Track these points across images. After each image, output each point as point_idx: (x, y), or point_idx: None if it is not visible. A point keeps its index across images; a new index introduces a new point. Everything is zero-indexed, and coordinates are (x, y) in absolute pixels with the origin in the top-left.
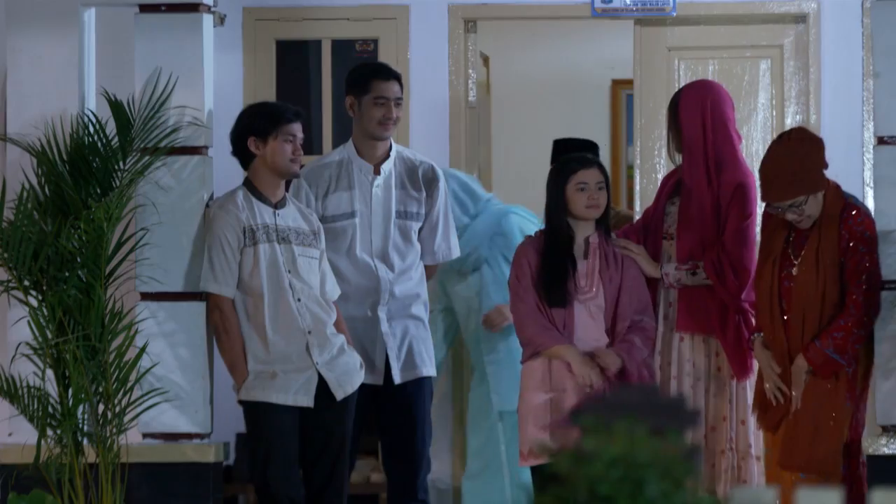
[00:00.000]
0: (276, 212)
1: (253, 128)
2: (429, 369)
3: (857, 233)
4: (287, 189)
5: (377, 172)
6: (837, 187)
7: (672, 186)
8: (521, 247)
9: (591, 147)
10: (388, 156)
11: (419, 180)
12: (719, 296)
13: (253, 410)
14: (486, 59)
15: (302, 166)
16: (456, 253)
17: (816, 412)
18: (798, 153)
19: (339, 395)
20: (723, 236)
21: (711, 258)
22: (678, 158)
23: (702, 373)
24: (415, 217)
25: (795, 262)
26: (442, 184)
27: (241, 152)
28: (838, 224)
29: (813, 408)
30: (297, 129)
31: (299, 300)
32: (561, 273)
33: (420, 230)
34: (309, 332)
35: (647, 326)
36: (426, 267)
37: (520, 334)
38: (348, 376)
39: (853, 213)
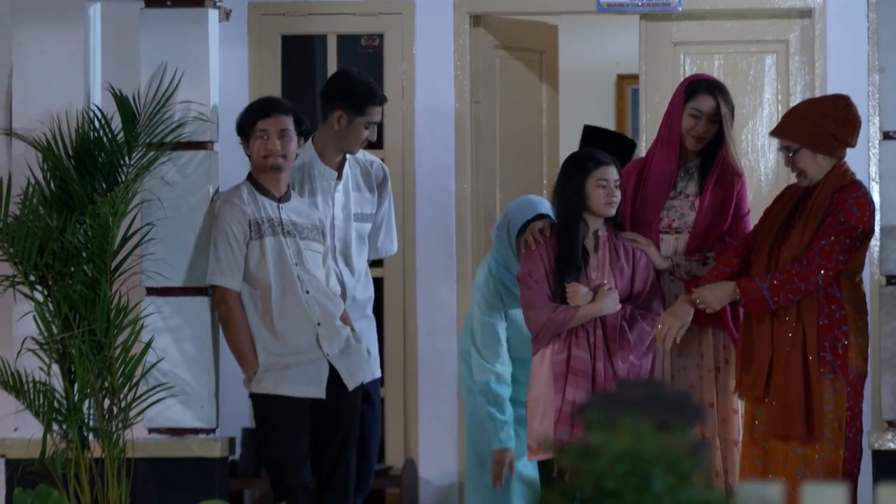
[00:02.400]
0: (280, 205)
1: (239, 129)
2: (377, 370)
3: (846, 205)
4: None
5: (339, 177)
6: (849, 171)
7: (671, 179)
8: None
9: (627, 144)
10: (345, 159)
11: (372, 181)
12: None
13: (264, 403)
14: None
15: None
16: (395, 248)
17: (800, 382)
18: (820, 106)
19: (351, 385)
20: (728, 227)
21: (723, 246)
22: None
23: (711, 365)
24: (368, 219)
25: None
26: (389, 182)
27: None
28: (832, 197)
29: (799, 380)
30: (269, 123)
31: (308, 292)
32: (574, 267)
33: None
34: (318, 324)
35: (651, 311)
36: None
37: (532, 324)
38: (359, 367)
39: (852, 190)
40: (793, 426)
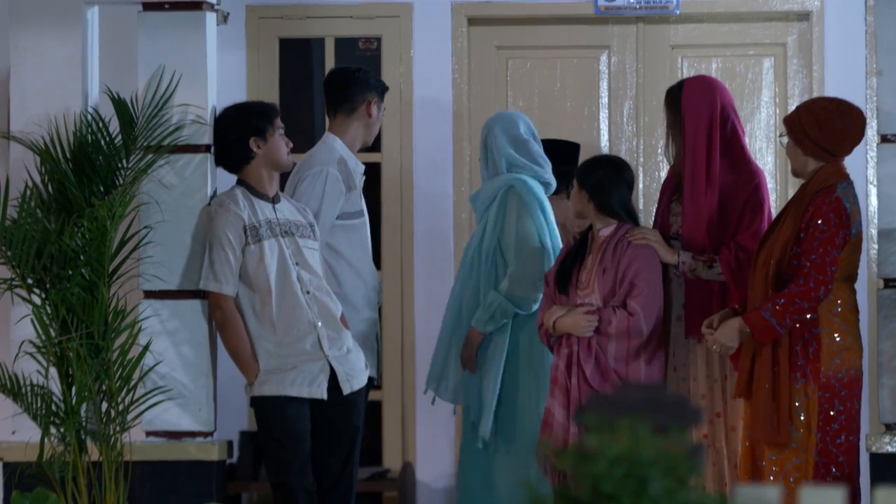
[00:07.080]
0: (275, 206)
1: (252, 128)
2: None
3: (822, 211)
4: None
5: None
6: (836, 173)
7: (675, 185)
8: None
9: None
10: None
11: None
12: (731, 293)
13: (267, 405)
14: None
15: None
16: None
17: (768, 384)
18: (818, 105)
19: (346, 389)
20: (739, 234)
21: (727, 256)
22: (672, 154)
23: (717, 375)
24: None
25: None
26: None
27: (236, 156)
28: (810, 199)
29: (766, 380)
30: (280, 122)
31: (308, 293)
32: (565, 269)
33: None
34: (319, 325)
35: (629, 308)
36: None
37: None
38: (356, 372)
39: (825, 195)
40: (761, 429)
